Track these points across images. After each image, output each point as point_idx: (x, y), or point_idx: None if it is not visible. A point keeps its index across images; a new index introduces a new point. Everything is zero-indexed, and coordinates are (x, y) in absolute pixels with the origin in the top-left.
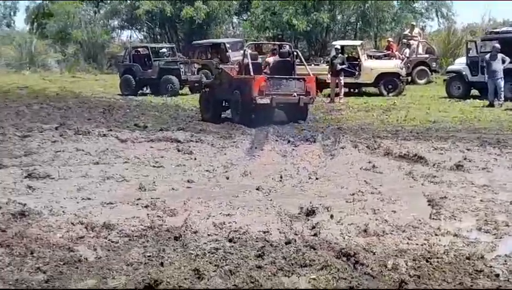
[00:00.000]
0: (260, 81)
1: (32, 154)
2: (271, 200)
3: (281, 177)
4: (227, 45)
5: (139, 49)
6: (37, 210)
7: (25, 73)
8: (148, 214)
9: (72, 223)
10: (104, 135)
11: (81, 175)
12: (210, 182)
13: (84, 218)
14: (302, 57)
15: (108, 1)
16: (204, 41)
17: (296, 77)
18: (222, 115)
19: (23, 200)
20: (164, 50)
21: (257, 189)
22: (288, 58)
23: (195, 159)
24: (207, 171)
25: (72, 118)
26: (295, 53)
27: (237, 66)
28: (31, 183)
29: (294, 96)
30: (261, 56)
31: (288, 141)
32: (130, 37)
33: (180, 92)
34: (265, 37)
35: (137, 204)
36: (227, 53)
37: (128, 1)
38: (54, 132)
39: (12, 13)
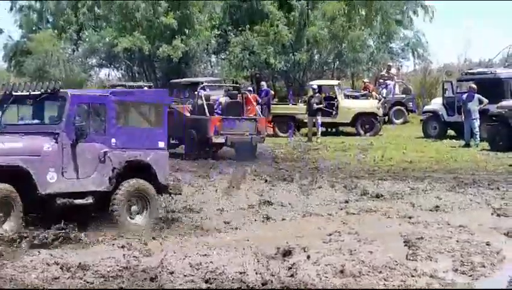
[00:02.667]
0: (215, 121)
1: None
2: (248, 240)
3: (258, 217)
4: (205, 84)
5: (116, 88)
6: (11, 251)
7: None
8: (124, 255)
9: (47, 264)
10: None
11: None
12: (187, 222)
13: (59, 258)
14: (251, 98)
15: (87, 39)
16: (182, 80)
17: (248, 117)
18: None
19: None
20: (145, 88)
21: (235, 229)
22: (238, 100)
23: (172, 198)
24: (183, 209)
25: None
26: (244, 94)
27: (190, 106)
28: None
29: (247, 135)
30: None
31: (266, 181)
32: (109, 75)
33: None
34: (244, 76)
35: (113, 244)
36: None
37: (107, 39)
38: None
39: None
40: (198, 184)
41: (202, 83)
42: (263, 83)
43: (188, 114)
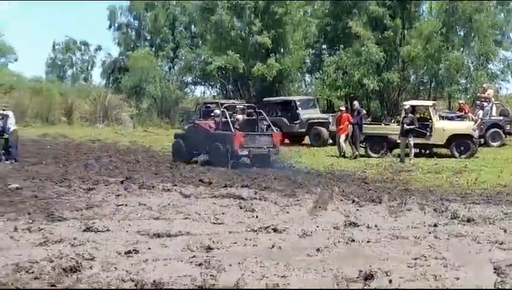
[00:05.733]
0: (240, 137)
1: (94, 207)
2: (329, 262)
3: (342, 238)
4: (298, 103)
5: (209, 105)
6: (89, 265)
7: (98, 126)
8: (201, 273)
9: (123, 280)
10: (168, 190)
11: (138, 230)
12: (269, 241)
13: (135, 275)
14: (266, 116)
15: (183, 57)
16: (275, 98)
17: (266, 133)
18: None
19: (77, 255)
20: (242, 106)
21: (317, 250)
22: (253, 117)
23: (256, 217)
24: (266, 229)
25: (139, 172)
26: (259, 113)
27: (213, 122)
28: (88, 236)
29: (265, 148)
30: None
31: (353, 201)
32: (204, 93)
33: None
34: (337, 96)
35: (191, 262)
36: (297, 111)
37: (203, 57)
38: (119, 186)
39: (89, 67)
40: (283, 203)
41: (294, 101)
42: (355, 102)
43: (212, 130)
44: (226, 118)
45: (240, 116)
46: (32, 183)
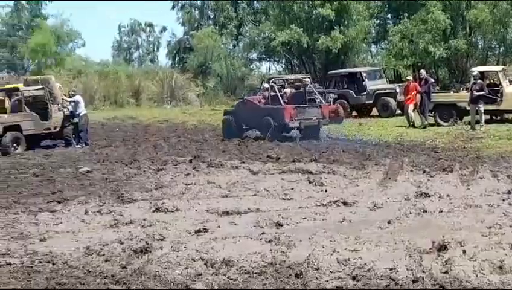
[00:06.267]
0: (290, 110)
1: (163, 187)
2: (401, 234)
3: (414, 209)
4: (364, 74)
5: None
6: (159, 245)
7: (166, 107)
8: (271, 249)
9: (193, 259)
10: (236, 167)
11: (207, 209)
12: (339, 215)
13: (205, 253)
14: (314, 89)
15: (247, 34)
16: (341, 71)
17: (315, 105)
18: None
19: (147, 235)
20: (307, 80)
21: (388, 222)
22: (301, 90)
23: (325, 191)
24: (336, 203)
25: (207, 151)
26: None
27: (261, 97)
28: (158, 217)
29: (315, 120)
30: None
31: (424, 171)
32: (269, 68)
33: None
34: (404, 65)
35: (260, 239)
36: (364, 82)
37: (266, 33)
38: (188, 165)
39: (155, 49)
40: (352, 176)
41: (360, 73)
42: (422, 71)
43: (262, 104)
44: (275, 92)
45: (287, 90)
46: (103, 166)
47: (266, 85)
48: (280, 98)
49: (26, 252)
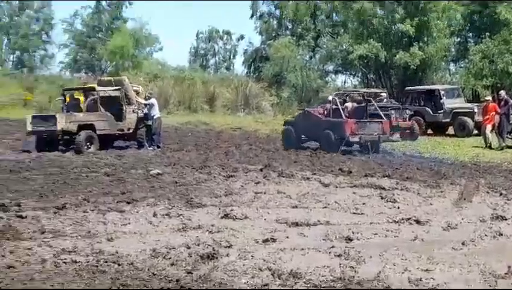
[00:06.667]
0: (351, 124)
1: (232, 194)
2: (476, 257)
3: (489, 232)
4: (442, 92)
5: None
6: (226, 253)
7: (239, 115)
8: (340, 264)
9: (260, 269)
10: (307, 179)
11: (276, 218)
12: (411, 233)
13: (272, 264)
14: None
15: (324, 46)
16: (418, 87)
17: (375, 120)
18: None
19: (214, 242)
20: (383, 95)
21: (462, 243)
22: (362, 104)
23: (398, 207)
24: (408, 220)
25: (278, 160)
26: (369, 100)
27: (321, 109)
28: (226, 223)
29: (375, 135)
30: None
31: (500, 194)
32: (345, 82)
33: (390, 138)
34: (483, 85)
35: (329, 252)
36: (441, 100)
37: (344, 46)
38: (258, 173)
39: (231, 56)
40: (426, 194)
41: (438, 91)
42: (502, 92)
43: (323, 117)
44: (337, 105)
45: (349, 104)
46: (173, 170)
47: (330, 98)
48: (342, 111)
49: (92, 251)
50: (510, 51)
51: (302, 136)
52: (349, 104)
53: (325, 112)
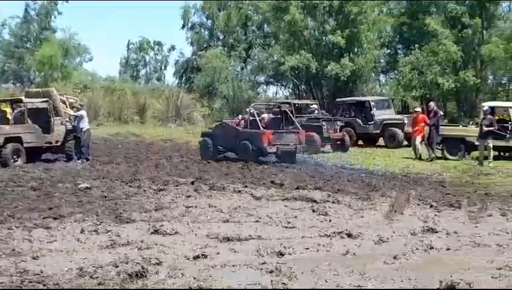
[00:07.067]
0: (269, 135)
1: (163, 208)
2: (407, 271)
3: (420, 245)
4: (372, 103)
5: (281, 106)
6: (155, 270)
7: (170, 126)
8: (271, 281)
9: (190, 288)
10: (239, 191)
11: (208, 233)
12: (343, 248)
13: (202, 281)
14: (291, 115)
15: (256, 57)
16: (349, 98)
17: (292, 130)
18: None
19: (144, 259)
20: (314, 106)
21: (394, 257)
22: (279, 116)
23: (330, 220)
24: (340, 234)
25: (210, 173)
26: (284, 112)
27: (241, 120)
28: (156, 239)
29: (292, 145)
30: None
31: (431, 206)
32: (276, 93)
33: (321, 149)
34: (412, 96)
35: (261, 268)
36: (372, 111)
37: (275, 57)
38: (189, 186)
39: (163, 67)
40: (358, 206)
41: (369, 102)
42: (431, 103)
43: (241, 128)
44: (254, 116)
45: (265, 115)
46: (102, 183)
47: (248, 109)
48: (259, 122)
49: (16, 270)
50: (439, 62)
51: (219, 146)
52: (265, 116)
53: (242, 123)
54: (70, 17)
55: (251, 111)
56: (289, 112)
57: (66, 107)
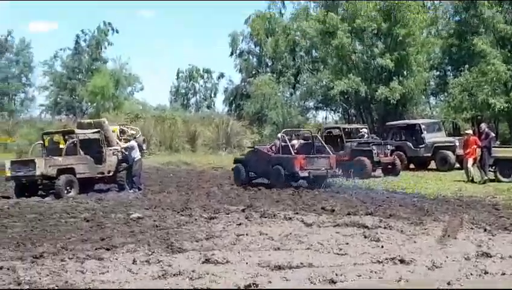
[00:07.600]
0: (301, 160)
1: (214, 237)
2: None
3: (474, 270)
4: (422, 126)
5: (331, 130)
6: None
7: (221, 154)
8: None
9: None
10: (290, 218)
11: (259, 262)
12: (396, 274)
13: None
14: (322, 140)
15: (304, 82)
16: (399, 122)
17: (323, 155)
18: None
19: (195, 289)
20: (364, 130)
21: (448, 283)
22: (309, 141)
23: (382, 246)
24: (392, 260)
25: (261, 200)
26: (315, 137)
27: (272, 146)
28: (207, 268)
29: (323, 170)
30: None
31: (485, 230)
32: (326, 118)
33: (372, 174)
34: (463, 118)
35: None
36: (422, 134)
37: (324, 82)
38: (240, 214)
39: (212, 95)
40: (410, 232)
41: (419, 125)
42: (483, 125)
43: (272, 154)
44: (285, 142)
45: (295, 141)
46: (154, 213)
47: (279, 135)
48: (291, 147)
49: None
50: (488, 82)
51: (251, 172)
52: (295, 142)
53: (274, 149)
54: (121, 48)
55: (282, 137)
56: (320, 138)
57: (125, 136)
